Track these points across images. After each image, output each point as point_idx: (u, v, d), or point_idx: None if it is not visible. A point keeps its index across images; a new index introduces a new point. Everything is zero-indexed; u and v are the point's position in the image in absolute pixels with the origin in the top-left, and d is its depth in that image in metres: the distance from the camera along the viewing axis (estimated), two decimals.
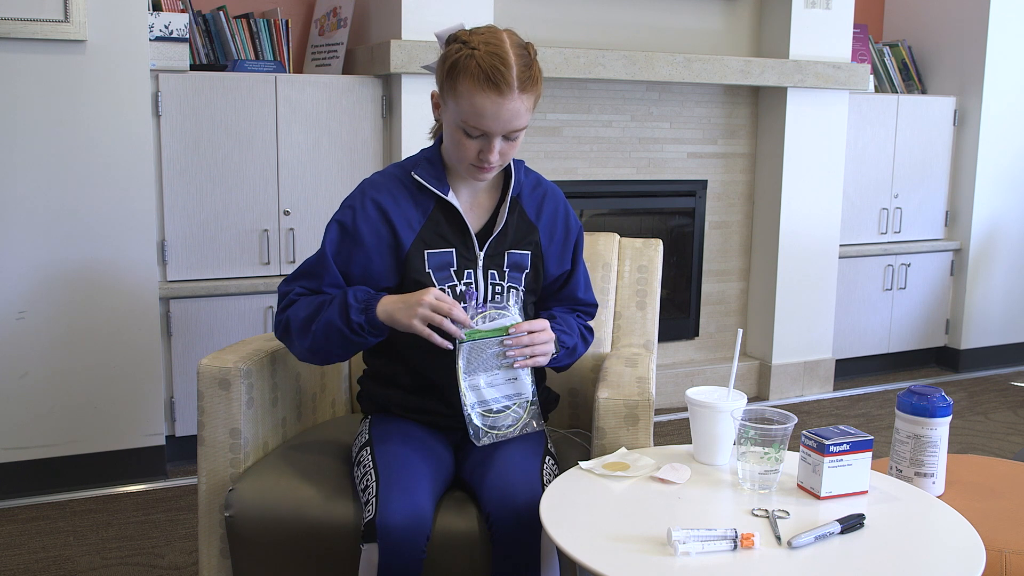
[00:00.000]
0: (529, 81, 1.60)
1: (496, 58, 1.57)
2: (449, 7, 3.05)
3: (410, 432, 1.72)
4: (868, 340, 4.23)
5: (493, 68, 1.56)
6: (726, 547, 1.29)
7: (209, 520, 1.79)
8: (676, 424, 3.53)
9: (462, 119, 1.61)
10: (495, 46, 1.59)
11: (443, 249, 1.70)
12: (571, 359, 1.80)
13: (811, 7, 3.69)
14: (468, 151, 1.64)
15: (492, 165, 1.65)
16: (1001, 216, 4.34)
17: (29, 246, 2.71)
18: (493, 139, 1.62)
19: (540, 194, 1.81)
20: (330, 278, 1.70)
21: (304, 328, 1.66)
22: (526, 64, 1.60)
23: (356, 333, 1.63)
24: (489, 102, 1.57)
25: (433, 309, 1.58)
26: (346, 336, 1.63)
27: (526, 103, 1.61)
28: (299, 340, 1.68)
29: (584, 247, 1.91)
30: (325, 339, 1.65)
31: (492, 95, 1.57)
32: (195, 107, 2.92)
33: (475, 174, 1.69)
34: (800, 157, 3.77)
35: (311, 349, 1.68)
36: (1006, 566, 1.50)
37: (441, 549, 1.60)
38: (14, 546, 2.48)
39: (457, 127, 1.63)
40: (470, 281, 1.71)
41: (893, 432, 1.71)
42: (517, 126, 1.62)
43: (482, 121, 1.59)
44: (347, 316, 1.62)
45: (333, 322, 1.63)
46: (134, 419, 2.88)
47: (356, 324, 1.62)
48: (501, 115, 1.59)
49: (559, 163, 3.50)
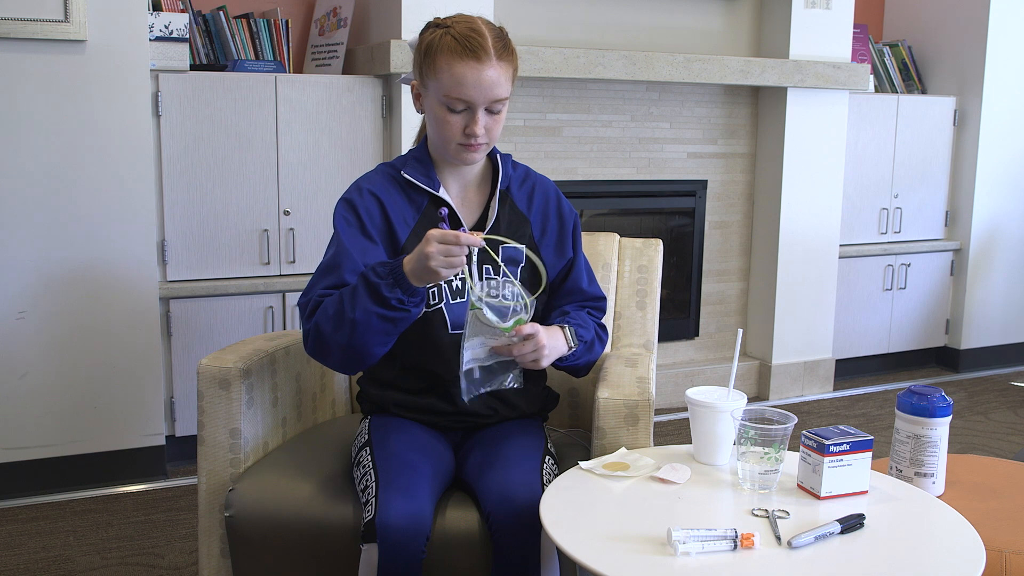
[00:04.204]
0: (505, 51, 1.65)
1: (470, 30, 1.63)
2: (449, 7, 3.03)
3: (410, 432, 1.72)
4: (868, 340, 4.23)
5: (468, 38, 1.62)
6: (726, 547, 1.29)
7: (209, 520, 1.79)
8: (676, 424, 3.53)
9: (444, 93, 1.63)
10: (468, 21, 1.66)
11: None
12: (590, 355, 1.76)
13: (811, 7, 3.69)
14: (453, 129, 1.65)
15: (479, 141, 1.66)
16: (1001, 216, 4.34)
17: (29, 246, 2.71)
18: (477, 110, 1.64)
19: (530, 186, 1.82)
20: (351, 265, 1.64)
21: (337, 326, 1.57)
22: (499, 36, 1.66)
23: (398, 309, 1.54)
24: (469, 69, 1.61)
25: (444, 253, 1.50)
26: (388, 317, 1.54)
27: (504, 72, 1.65)
28: (335, 340, 1.58)
29: (584, 246, 1.90)
30: (365, 329, 1.55)
31: (471, 62, 1.61)
32: (195, 107, 2.92)
33: (463, 155, 1.69)
34: (800, 157, 3.77)
35: (350, 346, 1.57)
36: (1006, 566, 1.50)
37: (441, 549, 1.60)
38: (14, 546, 2.48)
39: (440, 105, 1.65)
40: (464, 276, 1.71)
41: (893, 432, 1.71)
42: (499, 95, 1.64)
43: (464, 90, 1.62)
44: (380, 295, 1.53)
45: (368, 308, 1.54)
46: (134, 419, 2.88)
47: (395, 300, 1.53)
48: (482, 81, 1.62)
49: (559, 163, 3.50)
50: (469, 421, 1.77)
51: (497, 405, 1.77)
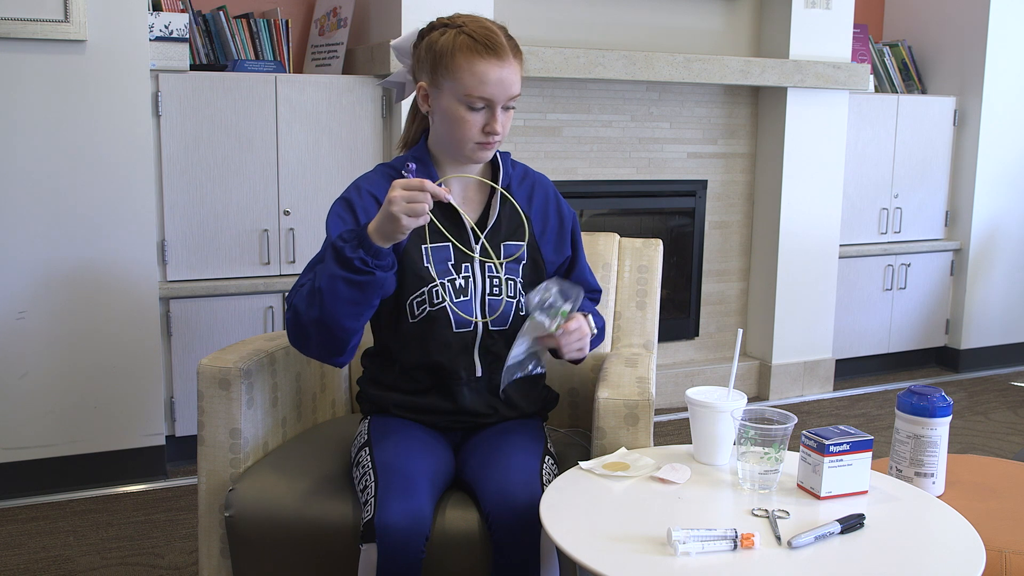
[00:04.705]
0: (517, 49, 1.69)
1: (485, 29, 1.66)
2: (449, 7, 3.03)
3: (410, 432, 1.72)
4: (868, 340, 4.23)
5: (487, 37, 1.64)
6: (726, 547, 1.29)
7: (209, 520, 1.79)
8: (676, 424, 3.53)
9: (464, 92, 1.63)
10: (479, 20, 1.69)
11: (440, 244, 1.71)
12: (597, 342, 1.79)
13: (811, 7, 3.69)
14: (471, 128, 1.66)
15: (496, 138, 1.68)
16: (1001, 216, 4.34)
17: (29, 246, 2.71)
18: (496, 108, 1.65)
19: (529, 185, 1.83)
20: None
21: (310, 301, 1.55)
22: (507, 35, 1.69)
23: (362, 271, 1.51)
24: (491, 67, 1.63)
25: (407, 199, 1.48)
26: (353, 281, 1.51)
27: (519, 69, 1.68)
28: (308, 317, 1.55)
29: (584, 247, 1.91)
30: (332, 297, 1.52)
31: (492, 60, 1.63)
32: (195, 107, 2.92)
33: (478, 153, 1.70)
34: (800, 157, 3.77)
35: (321, 321, 1.54)
36: (1006, 566, 1.50)
37: (441, 549, 1.60)
38: (14, 546, 2.48)
39: (459, 104, 1.65)
40: (468, 275, 1.71)
41: (893, 432, 1.71)
42: (515, 93, 1.67)
43: (486, 88, 1.63)
44: (343, 257, 1.50)
45: (334, 273, 1.51)
46: (134, 419, 2.88)
47: (358, 261, 1.50)
48: (504, 79, 1.64)
49: (559, 163, 3.50)
50: (469, 421, 1.77)
51: (497, 404, 1.77)
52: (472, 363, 1.74)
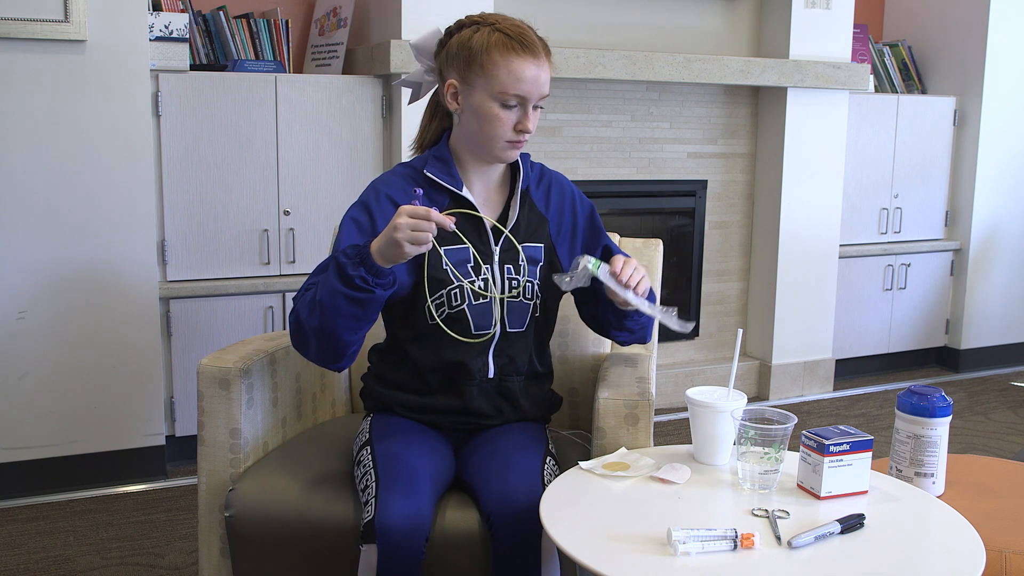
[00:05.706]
0: (547, 48, 1.69)
1: (518, 27, 1.67)
2: (449, 7, 3.04)
3: (411, 432, 1.72)
4: (868, 340, 4.23)
5: (521, 35, 1.65)
6: (726, 547, 1.29)
7: (209, 520, 1.79)
8: (676, 424, 3.53)
9: (499, 90, 1.63)
10: (510, 19, 1.69)
11: (459, 245, 1.70)
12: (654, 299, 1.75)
13: (811, 7, 3.69)
14: (504, 126, 1.66)
15: (526, 137, 1.68)
16: (1001, 216, 4.34)
17: (29, 246, 2.71)
18: (528, 106, 1.66)
19: (546, 184, 1.83)
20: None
21: (311, 310, 1.56)
22: (537, 34, 1.69)
23: (362, 289, 1.52)
24: (527, 65, 1.64)
25: (412, 228, 1.48)
26: (353, 299, 1.52)
27: (549, 69, 1.69)
28: (309, 326, 1.57)
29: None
30: (333, 311, 1.53)
31: (529, 58, 1.64)
32: (195, 107, 2.92)
33: (507, 152, 1.70)
34: (800, 157, 3.77)
35: (321, 331, 1.56)
36: (1006, 566, 1.50)
37: (441, 549, 1.60)
38: (14, 546, 2.48)
39: (492, 101, 1.65)
40: (487, 276, 1.71)
41: (893, 432, 1.71)
42: (546, 92, 1.68)
43: (523, 85, 1.63)
44: (345, 275, 1.52)
45: (335, 288, 1.52)
46: (134, 419, 2.88)
47: (359, 279, 1.51)
48: (538, 77, 1.65)
49: (559, 163, 3.50)
50: (473, 422, 1.77)
51: (503, 406, 1.77)
52: (485, 364, 1.73)
